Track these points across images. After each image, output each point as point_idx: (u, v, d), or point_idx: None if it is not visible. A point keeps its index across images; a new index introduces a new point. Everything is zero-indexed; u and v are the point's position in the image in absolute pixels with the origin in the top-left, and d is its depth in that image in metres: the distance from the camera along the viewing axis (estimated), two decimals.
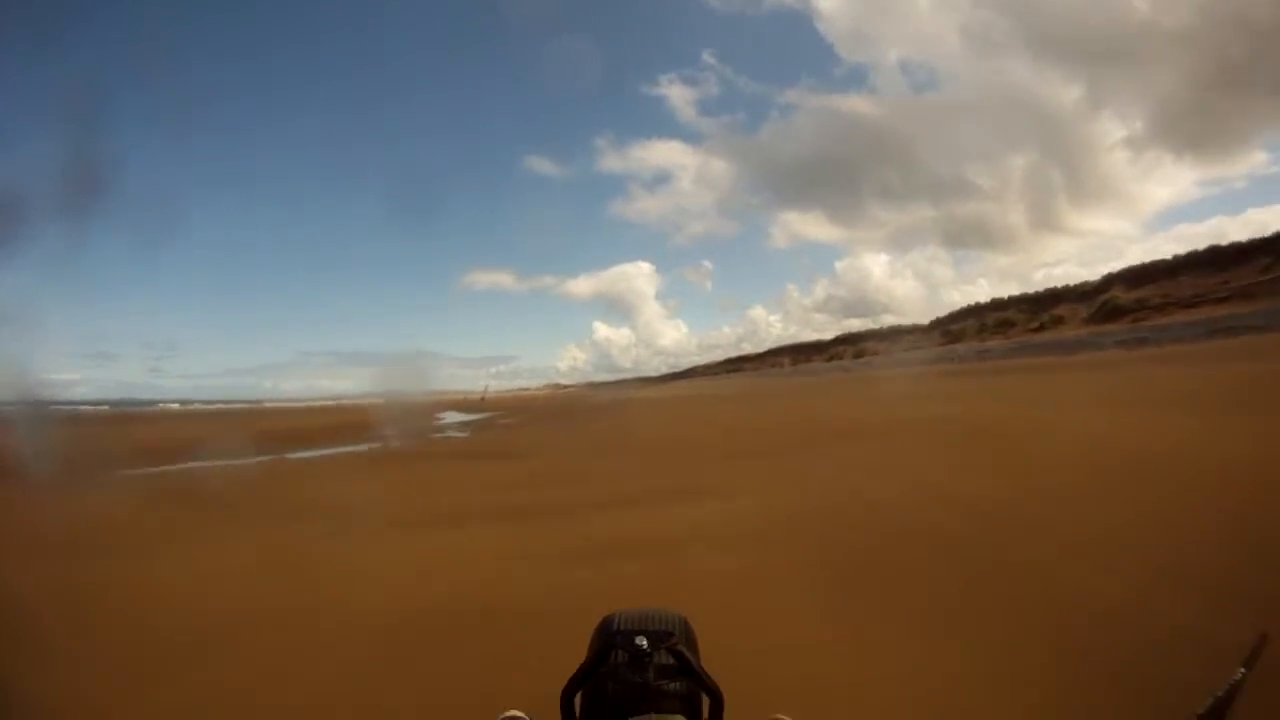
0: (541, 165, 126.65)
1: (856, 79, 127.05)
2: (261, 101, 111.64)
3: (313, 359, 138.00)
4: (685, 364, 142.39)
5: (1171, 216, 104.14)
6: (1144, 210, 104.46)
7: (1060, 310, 75.30)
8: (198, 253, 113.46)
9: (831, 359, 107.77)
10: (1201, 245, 67.18)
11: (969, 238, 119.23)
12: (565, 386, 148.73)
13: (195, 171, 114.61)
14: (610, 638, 0.89)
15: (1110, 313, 69.56)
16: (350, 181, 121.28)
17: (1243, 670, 0.86)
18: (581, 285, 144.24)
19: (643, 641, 0.86)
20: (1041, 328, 74.37)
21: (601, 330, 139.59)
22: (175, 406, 74.07)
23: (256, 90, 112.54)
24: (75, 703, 3.83)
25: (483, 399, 76.96)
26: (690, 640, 0.92)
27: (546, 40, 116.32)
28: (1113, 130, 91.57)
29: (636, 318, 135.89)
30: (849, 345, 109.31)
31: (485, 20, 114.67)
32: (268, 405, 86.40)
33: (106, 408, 62.94)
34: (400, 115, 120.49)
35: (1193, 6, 77.69)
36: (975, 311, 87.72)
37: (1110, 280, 74.39)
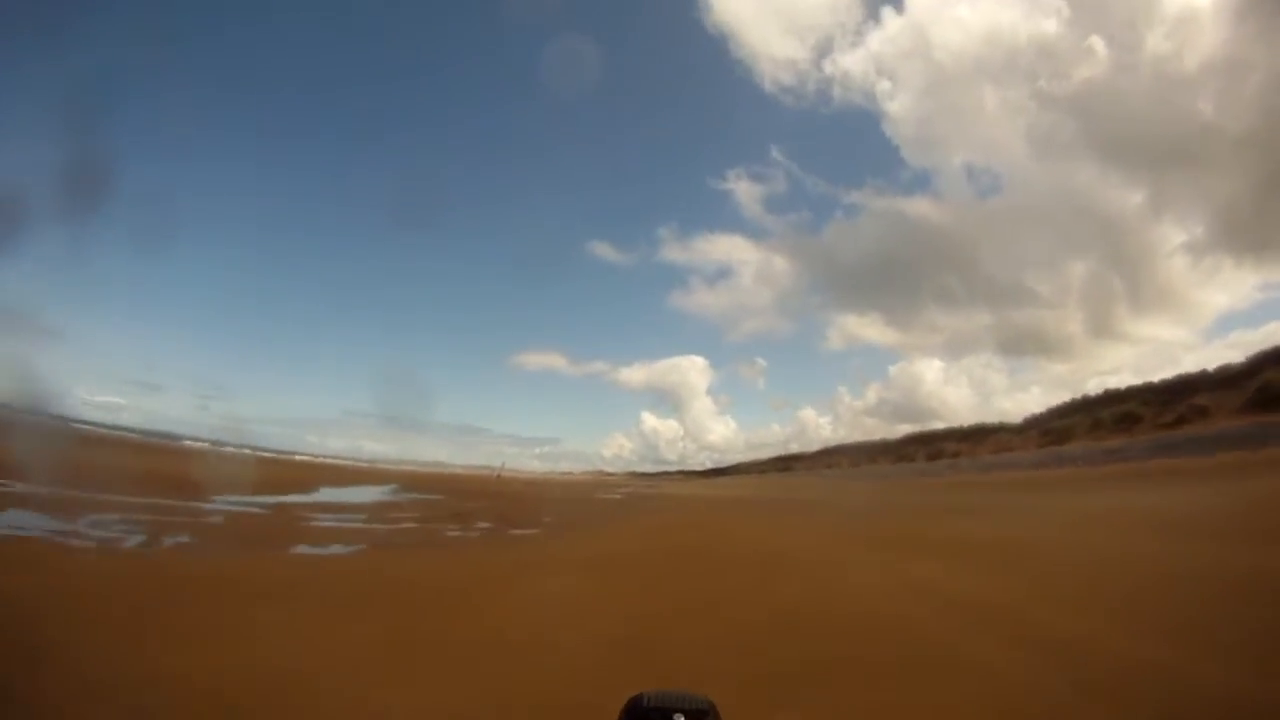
0: (604, 251, 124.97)
1: (921, 182, 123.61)
2: (338, 155, 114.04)
3: (355, 419, 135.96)
4: (731, 460, 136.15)
5: (1230, 322, 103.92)
6: (1202, 316, 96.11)
7: (1200, 400, 59.52)
8: (258, 301, 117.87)
9: (900, 460, 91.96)
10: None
11: (1025, 345, 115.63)
12: (609, 474, 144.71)
13: (261, 217, 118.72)
14: (643, 714, 0.90)
15: (1273, 399, 53.78)
16: (417, 250, 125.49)
17: None
18: (634, 374, 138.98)
19: (679, 718, 0.82)
20: (1180, 421, 58.51)
21: (649, 420, 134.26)
22: (203, 445, 73.10)
23: (333, 146, 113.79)
24: None
25: (498, 477, 74.05)
26: None
27: (620, 127, 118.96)
28: (1173, 235, 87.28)
29: (686, 411, 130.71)
30: (921, 445, 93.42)
31: (559, 105, 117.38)
32: (297, 457, 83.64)
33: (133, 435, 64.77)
34: (469, 186, 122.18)
35: (1257, 109, 71.01)
36: (1082, 407, 72.20)
37: (1262, 361, 58.93)
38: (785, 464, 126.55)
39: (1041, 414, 77.87)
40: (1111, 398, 68.53)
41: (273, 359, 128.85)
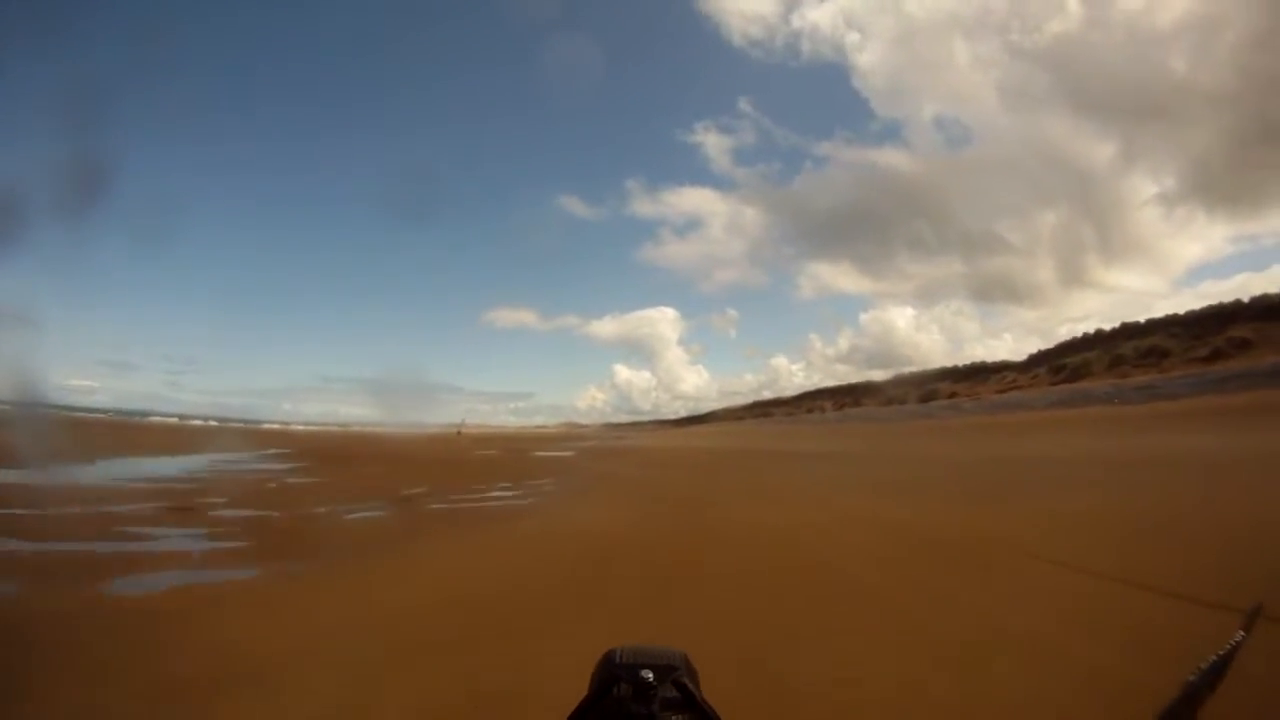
0: (573, 205, 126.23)
1: (891, 133, 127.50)
2: (300, 123, 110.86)
3: (333, 384, 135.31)
4: (705, 409, 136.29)
5: (1201, 273, 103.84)
6: (1174, 267, 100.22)
7: (1239, 331, 52.18)
8: (222, 270, 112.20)
9: (890, 403, 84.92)
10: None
11: (996, 292, 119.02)
12: (582, 425, 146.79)
13: (227, 188, 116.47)
14: (614, 670, 0.89)
15: None
16: (381, 210, 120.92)
17: (1241, 633, 0.92)
18: (605, 327, 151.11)
19: (648, 674, 0.86)
20: (1215, 356, 51.26)
21: (622, 372, 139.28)
22: (173, 420, 71.46)
23: (295, 106, 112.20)
24: None
25: (459, 433, 73.69)
26: (693, 675, 0.92)
27: (584, 81, 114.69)
28: (1145, 187, 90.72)
29: (658, 362, 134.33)
30: (911, 387, 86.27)
31: (525, 60, 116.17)
32: (265, 425, 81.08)
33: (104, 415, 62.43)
34: (436, 146, 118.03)
35: (1231, 67, 73.29)
36: (1095, 342, 64.77)
37: None
38: (763, 409, 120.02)
39: (1049, 350, 70.63)
40: (1130, 331, 61.18)
41: (248, 331, 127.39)
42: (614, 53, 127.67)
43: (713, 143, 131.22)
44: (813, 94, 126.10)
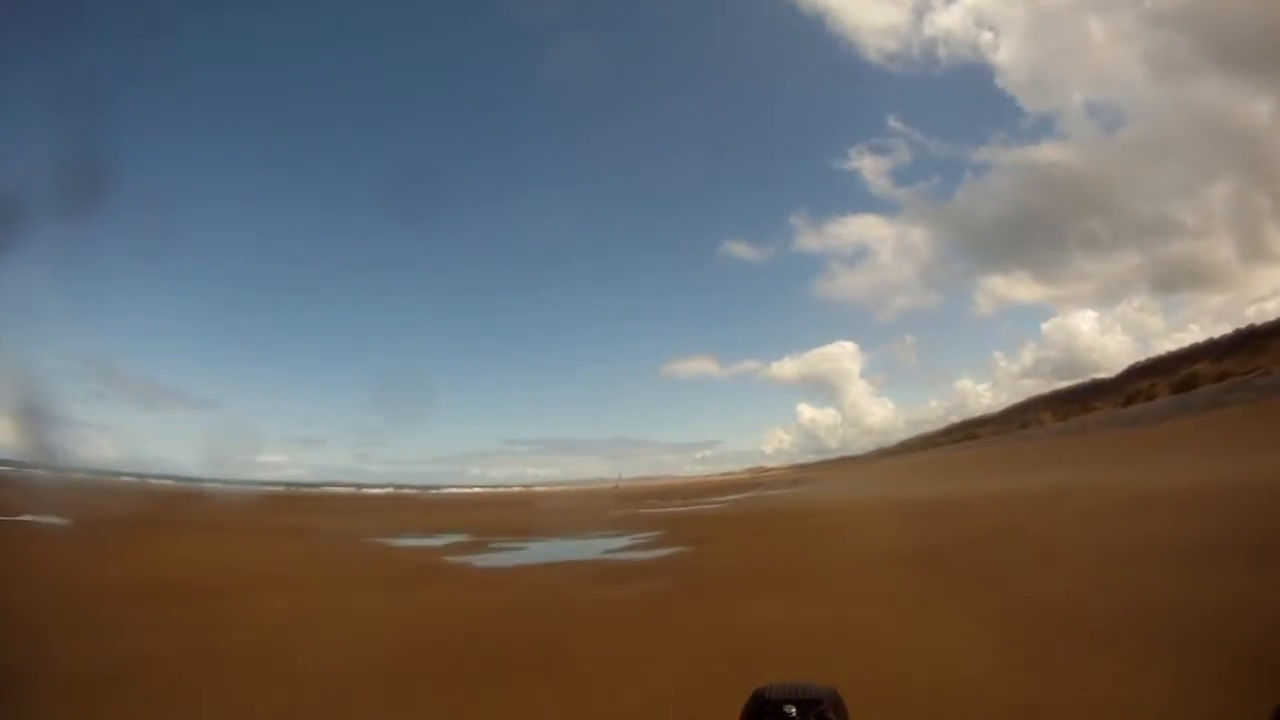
0: (740, 250, 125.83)
1: (1045, 127, 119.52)
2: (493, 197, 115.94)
3: (517, 447, 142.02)
4: (893, 441, 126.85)
5: None
6: None
7: None
8: (397, 341, 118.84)
9: (1131, 401, 69.97)
10: None
11: (1178, 280, 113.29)
12: (768, 469, 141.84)
13: (398, 262, 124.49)
14: (761, 706, 0.94)
15: None
16: (554, 274, 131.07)
17: None
18: (785, 368, 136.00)
19: (791, 709, 0.91)
20: None
21: (806, 412, 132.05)
22: (345, 490, 76.94)
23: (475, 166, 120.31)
24: None
25: (615, 488, 73.17)
26: (840, 709, 0.90)
27: (732, 123, 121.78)
28: None
29: (841, 398, 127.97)
30: (1155, 378, 70.52)
31: (671, 110, 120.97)
32: (443, 491, 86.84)
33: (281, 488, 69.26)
34: (596, 205, 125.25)
35: None
36: None
37: None
38: (967, 431, 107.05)
39: None
40: None
41: (428, 398, 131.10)
42: (757, 90, 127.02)
43: (869, 166, 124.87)
44: (959, 100, 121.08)
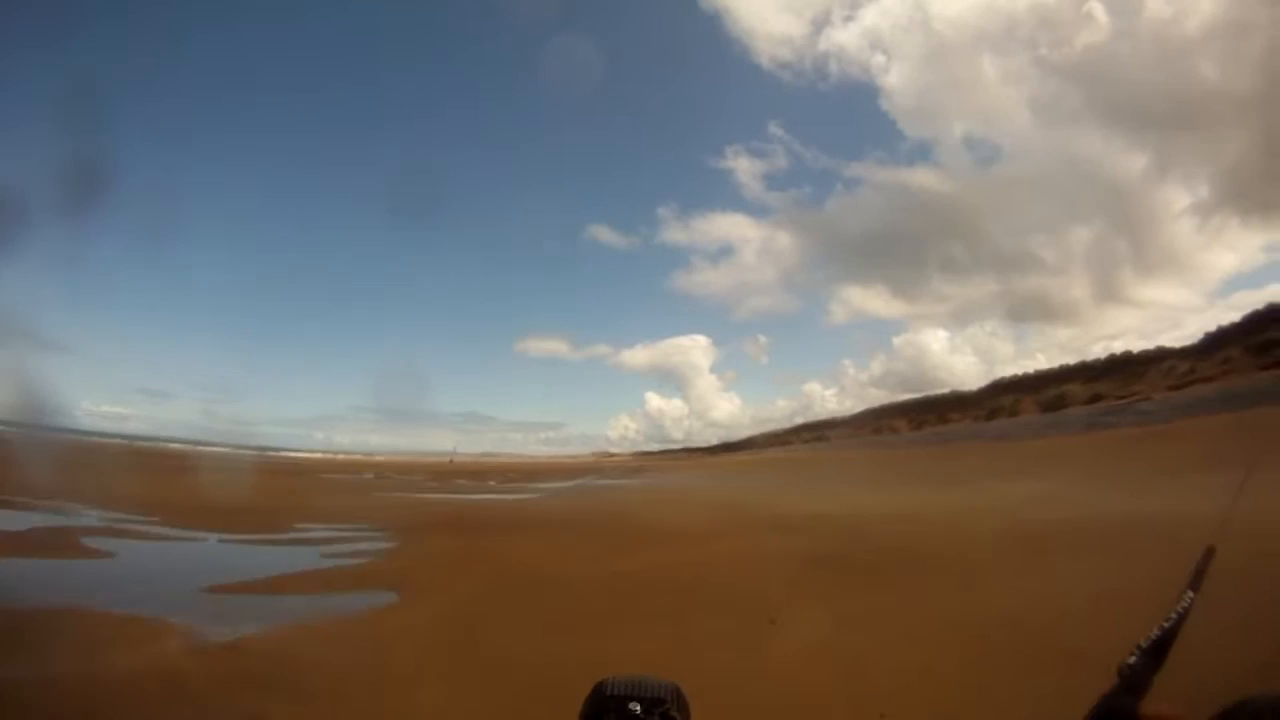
0: (604, 234, 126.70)
1: (922, 153, 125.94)
2: (333, 151, 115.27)
3: (363, 414, 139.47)
4: (738, 436, 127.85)
5: (1236, 283, 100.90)
6: (1209, 279, 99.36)
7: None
8: (256, 299, 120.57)
9: (993, 415, 64.74)
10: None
11: (1031, 311, 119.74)
12: (613, 455, 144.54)
13: (262, 216, 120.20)
14: (604, 703, 0.90)
15: None
16: (417, 243, 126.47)
17: (1190, 594, 0.86)
18: (636, 355, 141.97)
19: (635, 706, 0.88)
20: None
21: (654, 401, 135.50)
22: (176, 446, 69.77)
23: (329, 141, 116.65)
24: None
25: (450, 462, 71.66)
26: (683, 708, 0.92)
27: (612, 110, 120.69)
28: (1178, 198, 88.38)
29: (690, 390, 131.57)
30: (1026, 392, 65.79)
31: (551, 87, 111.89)
32: (272, 455, 77.96)
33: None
34: (465, 176, 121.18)
35: (1260, 70, 71.45)
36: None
37: None
38: (816, 432, 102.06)
39: (1225, 329, 50.18)
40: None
41: (278, 359, 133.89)
42: (643, 79, 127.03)
43: (744, 167, 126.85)
44: (843, 116, 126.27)
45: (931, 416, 76.78)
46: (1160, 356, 54.65)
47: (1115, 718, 0.70)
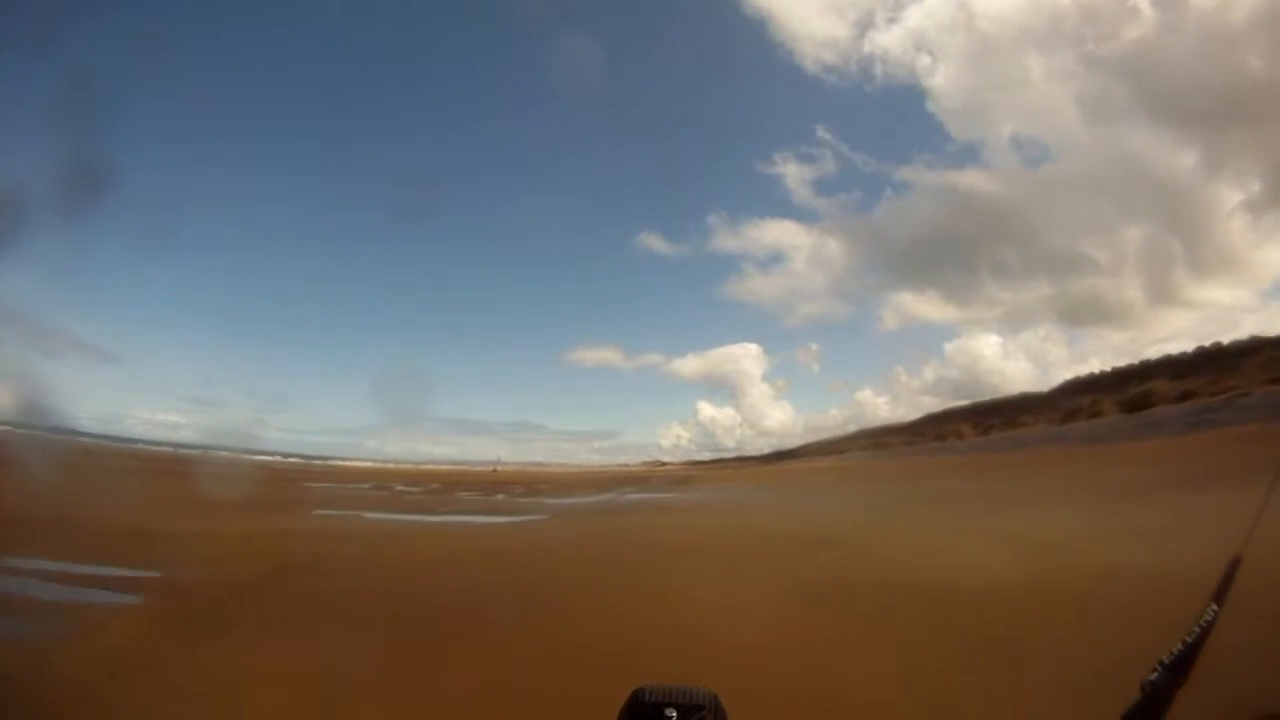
0: (654, 243, 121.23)
1: (970, 155, 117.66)
2: (368, 158, 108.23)
3: (415, 423, 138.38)
4: (790, 445, 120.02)
5: None
6: (1263, 277, 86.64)
7: None
8: (310, 309, 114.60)
9: (1069, 418, 61.23)
10: None
11: (1085, 314, 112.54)
12: (665, 464, 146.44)
13: (311, 228, 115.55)
14: (641, 709, 0.92)
15: None
16: (464, 249, 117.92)
17: (1214, 608, 0.82)
18: (688, 364, 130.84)
19: (672, 713, 0.89)
20: None
21: (706, 410, 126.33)
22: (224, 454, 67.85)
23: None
24: None
25: (494, 471, 70.26)
26: (720, 715, 0.93)
27: (665, 117, 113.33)
28: (1230, 194, 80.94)
29: (742, 399, 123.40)
30: (1097, 394, 62.11)
31: (605, 96, 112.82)
32: (319, 463, 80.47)
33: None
34: (515, 185, 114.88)
35: None
36: None
37: None
38: (875, 439, 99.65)
39: None
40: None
41: (328, 368, 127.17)
42: (691, 86, 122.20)
43: (793, 173, 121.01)
44: (889, 118, 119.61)
45: (999, 421, 73.20)
46: (1256, 348, 50.52)
47: None
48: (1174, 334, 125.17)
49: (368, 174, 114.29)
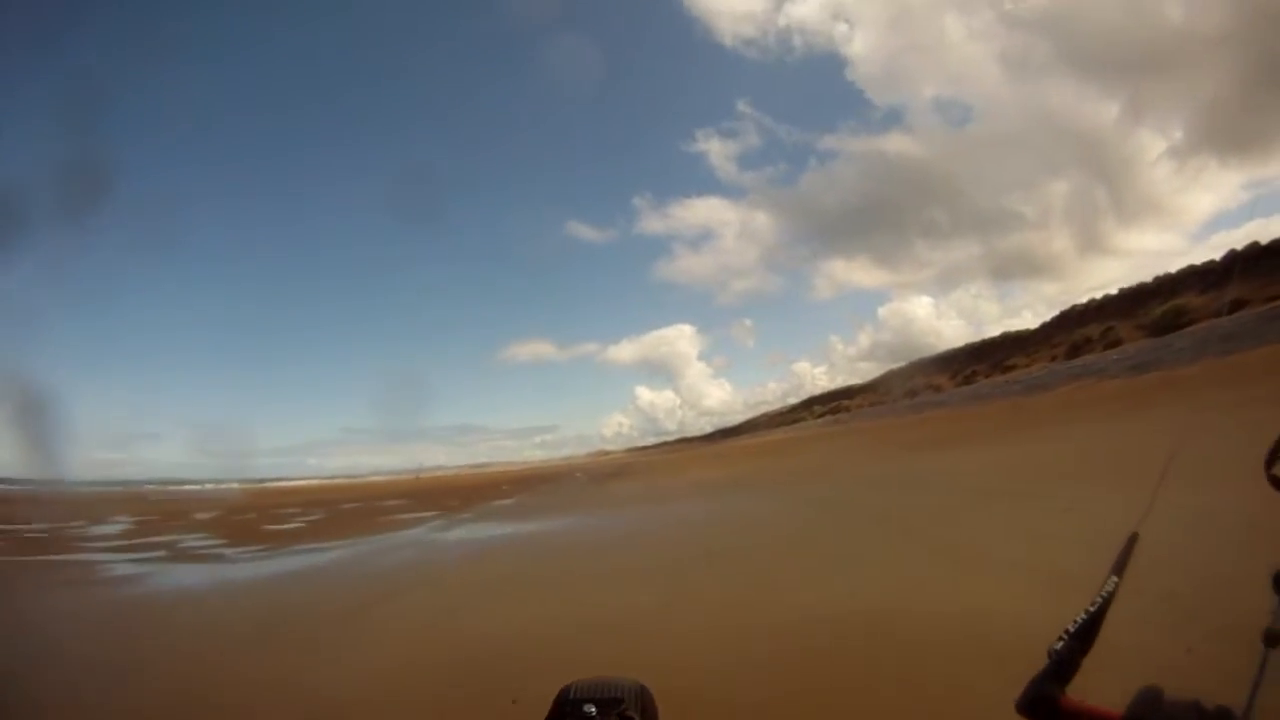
0: (581, 230, 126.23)
1: (893, 119, 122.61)
2: (314, 163, 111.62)
3: (355, 436, 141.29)
4: (732, 422, 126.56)
5: (1218, 224, 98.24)
6: (1189, 221, 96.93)
7: None
8: (237, 334, 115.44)
9: (1077, 352, 50.40)
10: None
11: (1015, 269, 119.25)
12: (608, 452, 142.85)
13: (243, 246, 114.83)
14: (562, 706, 0.89)
15: None
16: (390, 258, 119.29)
17: (1114, 579, 0.86)
18: (623, 351, 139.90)
19: (590, 709, 0.87)
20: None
21: (644, 394, 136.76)
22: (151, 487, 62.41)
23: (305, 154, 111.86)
24: None
25: (417, 479, 72.27)
26: (646, 707, 0.90)
27: (581, 102, 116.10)
28: (1154, 143, 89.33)
29: (680, 380, 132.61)
30: (1108, 321, 51.50)
31: (517, 87, 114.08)
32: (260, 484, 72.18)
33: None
34: (436, 182, 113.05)
35: (1226, 8, 71.57)
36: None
37: None
38: (833, 402, 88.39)
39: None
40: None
41: (268, 389, 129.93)
42: (607, 67, 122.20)
43: (716, 149, 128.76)
44: (810, 88, 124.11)
45: (983, 366, 62.54)
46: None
47: (1042, 703, 0.73)
48: (1105, 283, 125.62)
49: (310, 177, 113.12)
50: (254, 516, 28.18)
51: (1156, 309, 46.48)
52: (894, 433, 40.73)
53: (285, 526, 22.69)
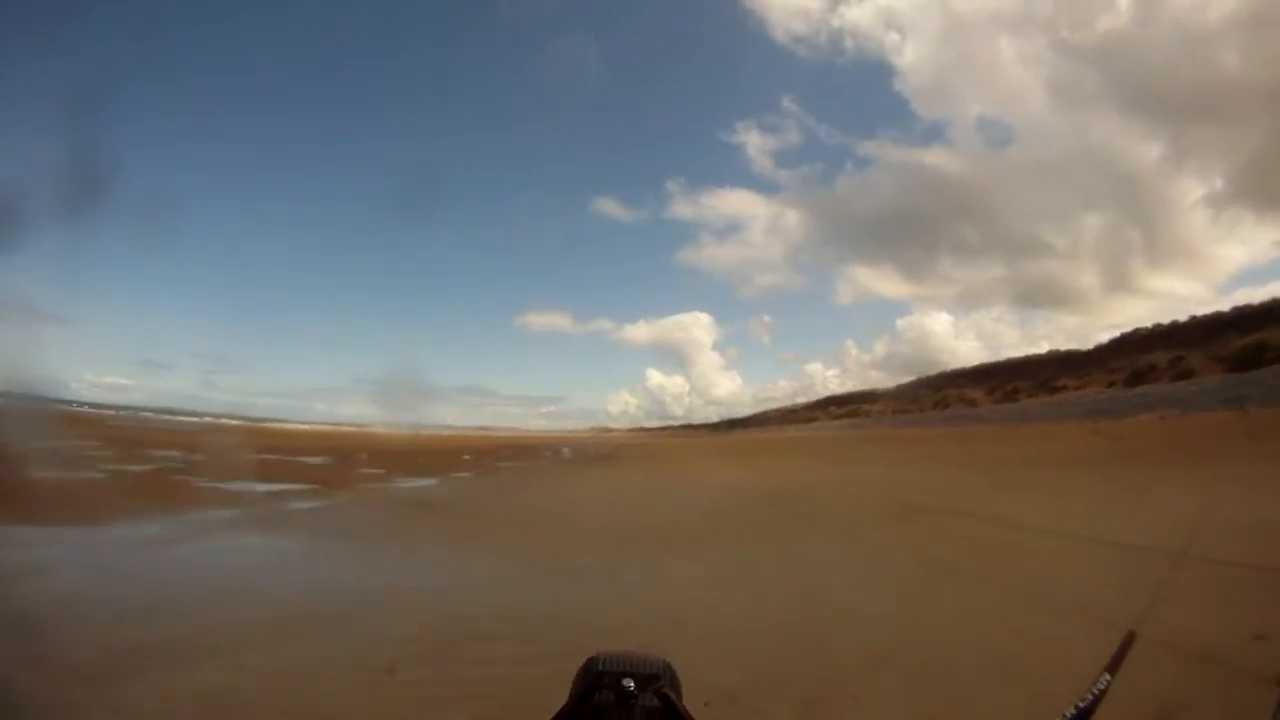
0: (610, 208, 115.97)
1: (935, 133, 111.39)
2: (339, 125, 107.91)
3: (363, 386, 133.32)
4: (738, 414, 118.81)
5: (1245, 278, 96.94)
6: (1219, 272, 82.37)
7: None
8: (257, 269, 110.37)
9: (1138, 380, 46.60)
10: None
11: (1040, 297, 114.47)
12: (610, 429, 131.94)
13: (261, 185, 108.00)
14: (596, 679, 0.86)
15: None
16: (415, 212, 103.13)
17: (1107, 677, 0.85)
18: (638, 331, 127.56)
19: (629, 683, 0.84)
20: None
21: (655, 377, 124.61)
22: (149, 415, 66.21)
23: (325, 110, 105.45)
24: None
25: (416, 435, 67.02)
26: (675, 684, 0.89)
27: (624, 80, 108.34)
28: (1193, 188, 76.60)
29: (691, 367, 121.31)
30: (1178, 350, 47.67)
31: (562, 57, 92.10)
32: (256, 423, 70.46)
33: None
34: (471, 147, 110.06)
35: None
36: None
37: None
38: (851, 407, 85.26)
39: None
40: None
41: (279, 330, 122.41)
42: (655, 50, 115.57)
43: (754, 143, 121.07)
44: (857, 93, 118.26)
45: (1027, 383, 58.88)
46: None
47: None
48: (1126, 321, 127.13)
49: (330, 147, 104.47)
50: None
51: (1236, 341, 42.88)
52: (950, 445, 37.01)
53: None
